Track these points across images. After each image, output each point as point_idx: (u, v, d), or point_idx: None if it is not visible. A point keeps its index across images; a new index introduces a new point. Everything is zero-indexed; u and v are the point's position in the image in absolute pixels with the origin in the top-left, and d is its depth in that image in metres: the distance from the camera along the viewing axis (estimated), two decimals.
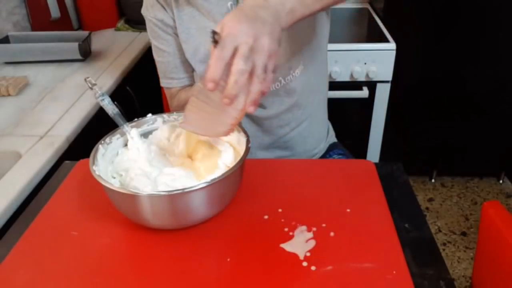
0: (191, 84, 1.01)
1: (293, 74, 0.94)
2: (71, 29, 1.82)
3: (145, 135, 0.78)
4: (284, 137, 1.02)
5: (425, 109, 1.98)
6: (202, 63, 0.93)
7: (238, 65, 0.56)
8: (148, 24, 0.96)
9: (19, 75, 1.33)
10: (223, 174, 0.62)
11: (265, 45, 0.57)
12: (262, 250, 0.63)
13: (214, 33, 0.57)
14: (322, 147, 1.09)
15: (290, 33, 0.90)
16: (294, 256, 0.62)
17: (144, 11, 0.95)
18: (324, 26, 0.97)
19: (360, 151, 1.86)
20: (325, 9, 0.77)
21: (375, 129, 1.82)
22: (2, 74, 1.36)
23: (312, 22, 0.92)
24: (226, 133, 0.68)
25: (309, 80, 0.98)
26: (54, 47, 1.44)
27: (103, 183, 0.62)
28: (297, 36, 0.91)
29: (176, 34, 0.93)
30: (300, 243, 0.64)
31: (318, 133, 1.07)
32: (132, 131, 0.74)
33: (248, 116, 1.01)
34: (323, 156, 1.10)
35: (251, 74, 0.58)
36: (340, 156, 1.08)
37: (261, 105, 0.98)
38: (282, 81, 0.94)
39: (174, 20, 0.91)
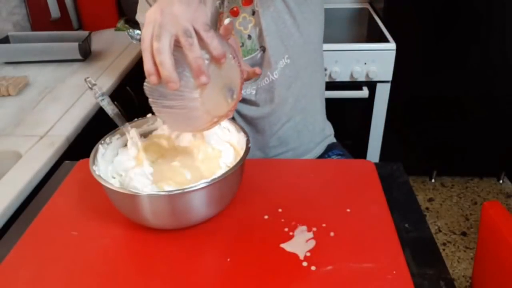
0: None
1: (278, 68, 0.94)
2: (71, 29, 1.82)
3: (145, 135, 0.78)
4: (276, 134, 1.01)
5: (425, 109, 1.98)
6: None
7: (153, 46, 0.56)
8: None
9: (19, 75, 1.33)
10: (223, 174, 0.62)
11: (175, 13, 0.56)
12: (262, 250, 0.63)
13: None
14: (319, 141, 1.09)
15: (269, 28, 0.90)
16: (294, 256, 0.62)
17: (138, 17, 0.95)
18: (312, 19, 0.96)
19: (360, 151, 1.86)
20: None
21: (375, 129, 1.82)
22: (2, 74, 1.36)
23: (293, 14, 0.91)
24: (215, 121, 0.64)
25: (298, 74, 0.97)
26: (54, 47, 1.45)
27: (103, 183, 0.62)
28: (277, 30, 0.91)
29: None
30: (300, 243, 0.64)
31: (313, 127, 1.06)
32: (132, 131, 0.74)
33: (242, 116, 1.01)
34: (322, 156, 1.09)
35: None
36: (339, 156, 1.08)
37: (254, 103, 0.99)
38: (271, 76, 0.94)
39: None
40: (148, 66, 0.57)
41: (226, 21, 0.74)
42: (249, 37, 0.93)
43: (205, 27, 0.57)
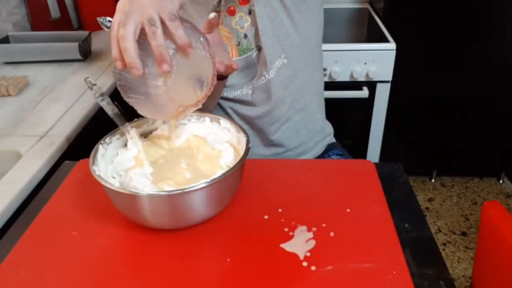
0: None
1: (274, 68, 0.94)
2: (71, 29, 1.81)
3: (145, 135, 0.78)
4: (275, 133, 1.02)
5: (425, 109, 1.98)
6: None
7: (119, 33, 0.57)
8: None
9: (19, 75, 1.33)
10: (223, 174, 0.62)
11: (142, 1, 0.57)
12: (262, 250, 0.63)
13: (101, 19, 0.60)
14: (319, 140, 1.09)
15: (265, 28, 0.90)
16: (294, 256, 0.62)
17: None
18: (310, 19, 0.96)
19: (360, 151, 1.86)
20: None
21: (375, 129, 1.82)
22: (2, 74, 1.36)
23: (290, 14, 0.91)
24: (181, 110, 0.66)
25: (296, 74, 0.97)
26: (54, 47, 1.44)
27: (103, 183, 0.62)
28: (273, 30, 0.91)
29: None
30: (300, 243, 0.64)
31: (313, 126, 1.06)
32: (132, 131, 0.74)
33: (239, 115, 1.01)
34: (322, 156, 1.10)
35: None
36: (338, 156, 1.08)
37: (250, 103, 0.98)
38: (267, 75, 0.94)
39: None
40: (114, 52, 0.59)
41: (211, 15, 0.75)
42: (245, 36, 0.93)
43: (171, 17, 0.58)
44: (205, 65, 0.65)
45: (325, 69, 1.64)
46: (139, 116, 0.78)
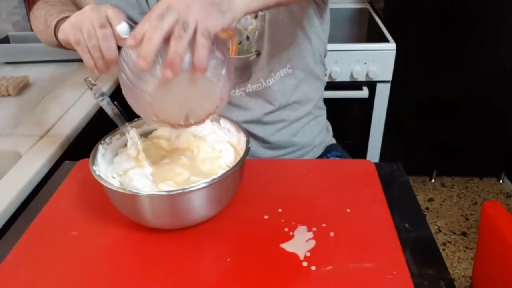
0: None
1: (275, 77, 0.94)
2: None
3: (145, 135, 0.78)
4: (272, 137, 1.01)
5: (425, 109, 1.98)
6: None
7: (152, 21, 0.54)
8: None
9: (19, 75, 1.33)
10: (223, 174, 0.62)
11: (190, 4, 0.53)
12: (262, 250, 0.63)
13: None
14: (317, 144, 1.09)
15: (273, 36, 0.90)
16: (294, 256, 0.62)
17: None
18: (319, 31, 0.96)
19: (360, 151, 1.86)
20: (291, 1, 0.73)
21: (375, 129, 1.82)
22: (2, 74, 1.36)
23: (302, 26, 0.92)
24: (154, 120, 0.62)
25: (299, 84, 0.97)
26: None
27: (103, 183, 0.62)
28: (282, 40, 0.91)
29: None
30: (300, 243, 0.64)
31: (311, 131, 1.06)
32: (131, 131, 0.74)
33: (227, 119, 1.00)
34: (321, 157, 1.09)
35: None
36: (337, 158, 1.07)
37: (240, 107, 0.98)
38: (264, 83, 0.94)
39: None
40: (139, 33, 0.54)
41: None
42: (247, 38, 0.93)
43: (204, 33, 0.54)
44: (205, 101, 0.61)
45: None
46: (139, 116, 0.78)
